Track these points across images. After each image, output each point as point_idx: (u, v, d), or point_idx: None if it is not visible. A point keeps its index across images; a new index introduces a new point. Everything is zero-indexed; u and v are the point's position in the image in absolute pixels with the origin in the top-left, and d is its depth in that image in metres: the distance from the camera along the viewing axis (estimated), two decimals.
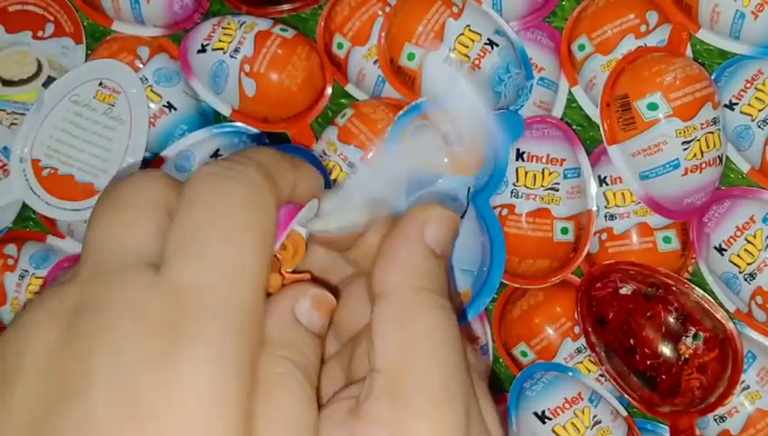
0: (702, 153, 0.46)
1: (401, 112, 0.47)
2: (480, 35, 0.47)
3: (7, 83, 0.53)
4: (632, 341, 0.46)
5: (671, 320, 0.46)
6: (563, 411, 0.47)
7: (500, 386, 0.52)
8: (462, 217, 0.46)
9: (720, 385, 0.46)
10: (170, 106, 0.51)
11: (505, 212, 0.47)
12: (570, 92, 0.51)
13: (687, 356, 0.46)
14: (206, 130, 0.51)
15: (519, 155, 0.47)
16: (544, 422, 0.47)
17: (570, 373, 0.48)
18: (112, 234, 0.22)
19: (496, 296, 0.51)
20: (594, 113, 0.50)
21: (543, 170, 0.47)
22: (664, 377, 0.46)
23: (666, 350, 0.45)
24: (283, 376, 0.22)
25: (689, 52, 0.49)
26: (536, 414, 0.47)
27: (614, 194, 0.48)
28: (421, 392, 0.23)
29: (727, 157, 0.49)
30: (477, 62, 0.47)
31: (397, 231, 0.25)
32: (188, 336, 0.20)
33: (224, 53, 0.49)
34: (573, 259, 0.48)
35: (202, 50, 0.50)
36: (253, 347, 0.22)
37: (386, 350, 0.24)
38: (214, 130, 0.51)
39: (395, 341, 0.24)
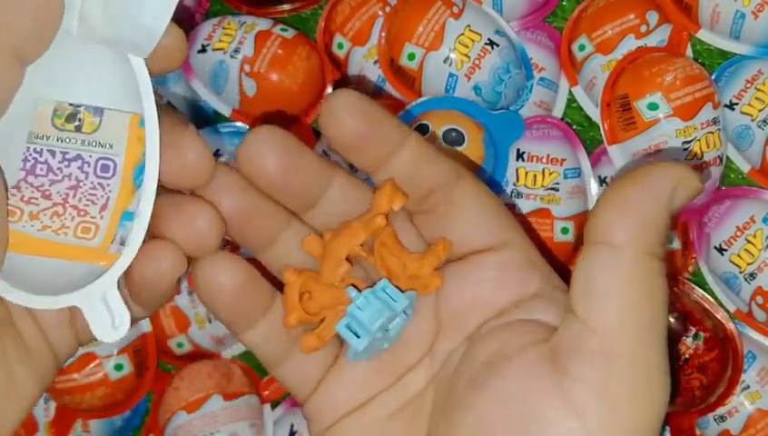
0: (702, 153, 0.46)
1: (401, 112, 0.47)
2: (480, 35, 0.47)
3: None
4: None
5: (671, 320, 0.46)
6: None
7: None
8: None
9: (720, 385, 0.46)
10: (170, 106, 0.51)
11: None
12: (570, 92, 0.51)
13: (687, 356, 0.46)
14: (206, 130, 0.51)
15: (519, 155, 0.47)
16: None
17: None
18: None
19: None
20: (594, 113, 0.50)
21: (543, 170, 0.47)
22: None
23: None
24: None
25: (689, 52, 0.49)
26: None
27: None
28: (641, 367, 0.23)
29: (727, 157, 0.49)
30: (477, 62, 0.47)
31: (644, 182, 0.23)
32: None
33: (224, 53, 0.49)
34: (573, 259, 0.48)
35: (203, 50, 0.50)
36: None
37: (608, 311, 0.23)
38: (214, 130, 0.51)
39: (619, 305, 0.23)
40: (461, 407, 0.25)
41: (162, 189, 0.25)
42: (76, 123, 0.25)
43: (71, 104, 0.26)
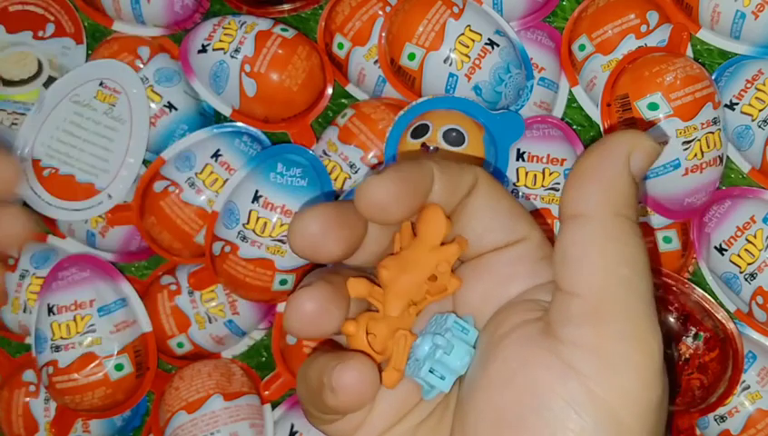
0: (702, 153, 0.46)
1: (402, 112, 0.47)
2: (481, 35, 0.47)
3: (8, 83, 0.53)
4: None
5: (671, 320, 0.46)
6: None
7: None
8: None
9: (720, 385, 0.46)
10: (170, 106, 0.51)
11: None
12: (571, 92, 0.51)
13: (687, 356, 0.46)
14: (206, 130, 0.51)
15: (520, 155, 0.47)
16: None
17: None
18: None
19: None
20: (594, 113, 0.50)
21: (543, 170, 0.47)
22: None
23: (667, 350, 0.45)
24: None
25: (689, 52, 0.49)
26: None
27: None
28: (627, 319, 0.23)
29: (727, 157, 0.49)
30: (477, 62, 0.47)
31: (600, 152, 0.25)
32: None
33: (225, 53, 0.49)
34: None
35: (203, 50, 0.50)
36: None
37: (586, 274, 0.24)
38: (215, 130, 0.51)
39: (596, 267, 0.24)
40: (470, 392, 0.25)
41: None
42: None
43: None
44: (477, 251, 0.28)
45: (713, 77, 0.48)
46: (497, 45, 0.48)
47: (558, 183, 0.47)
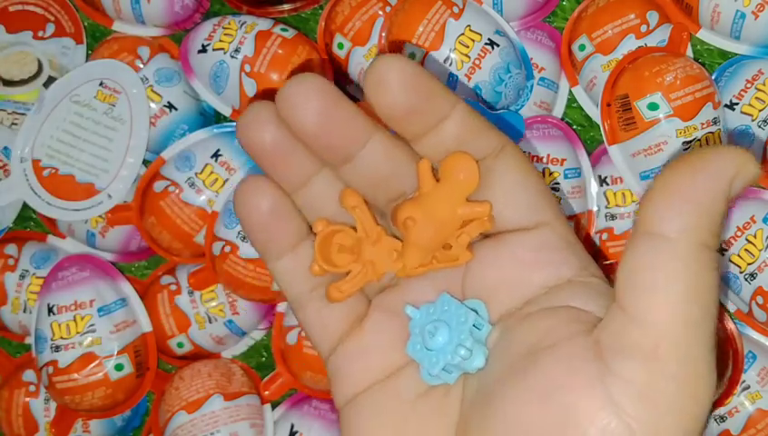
0: None
1: None
2: (481, 35, 0.47)
3: (8, 83, 0.53)
4: None
5: None
6: None
7: None
8: None
9: (720, 385, 0.46)
10: (170, 106, 0.51)
11: None
12: (571, 92, 0.51)
13: None
14: (207, 130, 0.51)
15: None
16: None
17: None
18: None
19: None
20: (594, 113, 0.50)
21: (543, 170, 0.47)
22: None
23: None
24: None
25: (689, 52, 0.49)
26: None
27: (614, 194, 0.48)
28: (685, 363, 0.22)
29: None
30: (477, 62, 0.47)
31: (699, 168, 0.21)
32: None
33: (225, 53, 0.49)
34: None
35: (203, 50, 0.50)
36: None
37: (656, 306, 0.22)
38: (215, 130, 0.51)
39: (669, 300, 0.22)
40: (499, 398, 0.24)
41: None
42: None
43: None
44: (497, 225, 0.26)
45: (713, 77, 0.48)
46: (497, 45, 0.48)
47: (558, 183, 0.47)
